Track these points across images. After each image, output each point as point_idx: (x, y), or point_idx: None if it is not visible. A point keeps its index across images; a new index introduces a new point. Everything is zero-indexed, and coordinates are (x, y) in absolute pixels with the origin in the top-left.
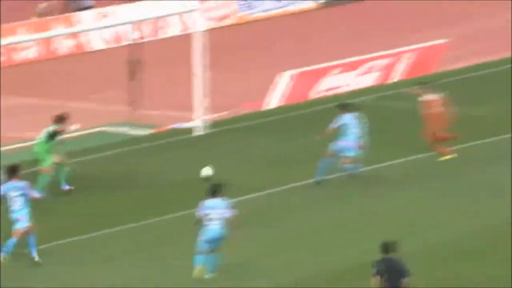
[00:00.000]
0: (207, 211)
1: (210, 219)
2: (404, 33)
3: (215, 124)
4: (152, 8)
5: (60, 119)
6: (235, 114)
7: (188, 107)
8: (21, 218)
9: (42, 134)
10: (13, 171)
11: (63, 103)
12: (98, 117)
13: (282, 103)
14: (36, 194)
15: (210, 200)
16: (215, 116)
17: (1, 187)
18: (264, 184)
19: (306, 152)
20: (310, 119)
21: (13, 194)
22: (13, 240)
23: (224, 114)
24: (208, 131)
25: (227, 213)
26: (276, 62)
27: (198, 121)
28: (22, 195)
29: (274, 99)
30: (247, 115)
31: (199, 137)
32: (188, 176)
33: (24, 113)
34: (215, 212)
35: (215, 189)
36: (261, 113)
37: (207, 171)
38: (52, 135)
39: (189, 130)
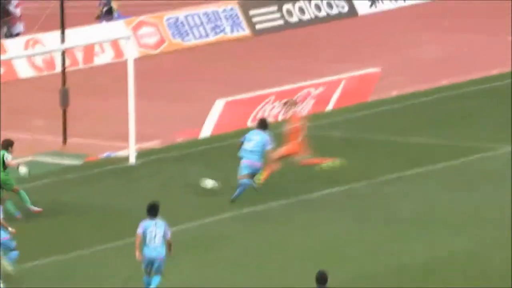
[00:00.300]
0: (149, 230)
1: (151, 238)
2: (338, 61)
3: (147, 153)
4: (84, 35)
5: (9, 144)
6: (168, 143)
7: (120, 135)
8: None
9: None
10: None
11: None
12: (28, 146)
13: (216, 132)
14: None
15: (150, 220)
16: (148, 145)
17: None
18: (198, 213)
19: None
20: None
21: None
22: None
23: (157, 143)
24: (140, 160)
25: (167, 234)
26: (211, 90)
27: (131, 150)
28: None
29: (208, 128)
30: (180, 144)
31: (131, 166)
32: (119, 206)
33: None
34: (156, 232)
35: (154, 209)
36: (195, 142)
37: (210, 183)
38: (4, 162)
39: (121, 160)
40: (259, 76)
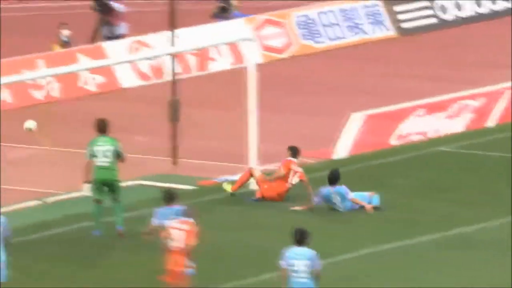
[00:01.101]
0: (292, 262)
1: (296, 271)
2: (503, 67)
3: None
4: (198, 37)
5: (107, 125)
6: (298, 164)
7: (240, 155)
8: None
9: (108, 154)
10: (171, 197)
11: None
12: (132, 168)
13: (353, 151)
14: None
15: (294, 249)
16: (273, 166)
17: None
18: (332, 248)
19: (388, 210)
20: (388, 170)
21: (169, 219)
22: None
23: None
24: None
25: (316, 266)
26: (346, 101)
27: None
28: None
29: (343, 147)
30: (310, 166)
31: (253, 192)
32: (239, 240)
33: (38, 164)
34: (301, 263)
35: (301, 237)
36: (327, 163)
37: (29, 124)
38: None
39: None
40: (405, 84)
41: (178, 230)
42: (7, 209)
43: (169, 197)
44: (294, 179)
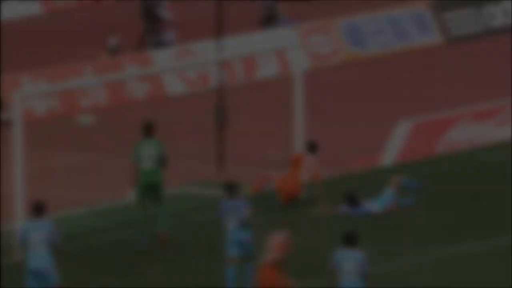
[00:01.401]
0: (342, 263)
1: (346, 273)
2: None
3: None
4: (244, 45)
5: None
6: (342, 172)
7: (285, 163)
8: (242, 240)
9: (153, 158)
10: (232, 189)
11: None
12: (178, 174)
13: (399, 159)
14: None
15: (344, 251)
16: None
17: (221, 204)
18: (381, 255)
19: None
20: (435, 178)
21: (230, 213)
22: (231, 270)
23: (330, 172)
24: (309, 192)
25: (365, 267)
26: (393, 109)
27: None
28: (238, 215)
29: (390, 154)
30: (357, 174)
31: (274, 198)
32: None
33: (85, 171)
34: (351, 265)
35: (351, 238)
36: (374, 170)
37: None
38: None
39: None
40: (453, 91)
41: (270, 242)
42: (54, 216)
43: (230, 189)
44: (305, 175)
